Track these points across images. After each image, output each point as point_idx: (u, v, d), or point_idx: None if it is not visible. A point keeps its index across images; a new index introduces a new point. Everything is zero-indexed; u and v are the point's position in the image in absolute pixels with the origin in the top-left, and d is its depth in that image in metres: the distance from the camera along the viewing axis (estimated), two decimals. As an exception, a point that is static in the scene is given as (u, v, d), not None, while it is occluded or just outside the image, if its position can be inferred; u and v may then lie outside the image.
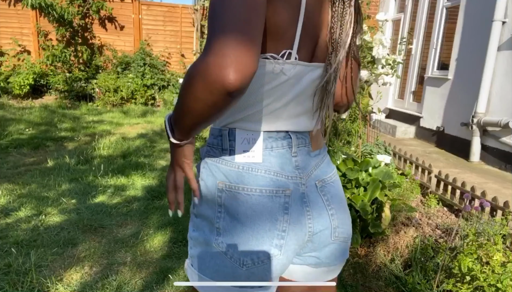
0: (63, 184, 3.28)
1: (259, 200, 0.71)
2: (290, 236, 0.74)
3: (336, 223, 0.79)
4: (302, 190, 0.75)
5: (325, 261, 0.81)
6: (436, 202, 3.00)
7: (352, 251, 2.43)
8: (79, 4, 7.52)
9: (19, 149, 4.32)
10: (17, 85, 7.04)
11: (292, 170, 0.74)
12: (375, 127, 4.89)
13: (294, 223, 0.73)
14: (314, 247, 0.78)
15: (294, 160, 0.74)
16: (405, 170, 3.53)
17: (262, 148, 0.72)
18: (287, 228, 0.73)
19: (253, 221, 0.71)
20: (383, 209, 2.39)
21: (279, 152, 0.73)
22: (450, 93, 5.01)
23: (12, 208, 2.77)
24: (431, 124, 5.33)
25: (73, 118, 6.06)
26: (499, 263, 1.72)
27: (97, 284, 1.97)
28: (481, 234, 2.05)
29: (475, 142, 4.31)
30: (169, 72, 8.11)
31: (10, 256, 2.14)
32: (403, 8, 6.43)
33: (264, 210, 0.71)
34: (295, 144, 0.74)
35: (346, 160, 2.53)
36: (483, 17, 4.38)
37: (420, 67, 5.97)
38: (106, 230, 2.56)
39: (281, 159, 0.73)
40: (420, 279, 1.94)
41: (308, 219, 0.76)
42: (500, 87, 4.16)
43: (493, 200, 2.52)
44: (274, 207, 0.71)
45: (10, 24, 7.60)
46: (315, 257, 0.80)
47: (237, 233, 0.72)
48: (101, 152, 4.29)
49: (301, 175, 0.75)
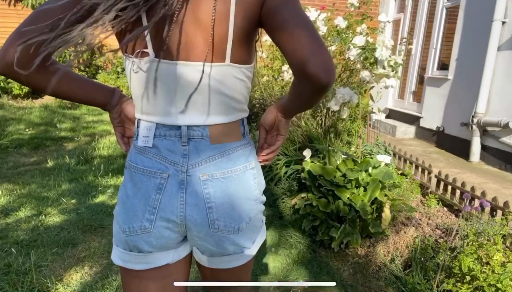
0: (63, 184, 3.29)
1: (141, 177, 0.83)
2: (160, 214, 0.82)
3: (214, 216, 0.83)
4: (182, 177, 0.82)
5: (211, 249, 0.87)
6: (436, 202, 3.00)
7: (352, 251, 2.43)
8: (79, 4, 7.52)
9: (19, 149, 4.32)
10: (17, 85, 7.04)
11: (179, 157, 0.81)
12: (375, 127, 4.89)
13: (165, 203, 0.82)
14: (197, 234, 0.85)
15: (183, 149, 0.82)
16: (405, 170, 3.53)
17: (154, 135, 0.82)
18: (157, 206, 0.82)
19: (133, 195, 0.83)
20: (383, 209, 2.39)
21: (170, 140, 0.82)
22: (450, 93, 5.01)
23: (12, 208, 2.77)
24: (431, 124, 5.33)
25: (73, 119, 6.06)
26: (499, 263, 1.72)
27: (97, 284, 1.97)
28: (481, 234, 2.05)
29: (475, 143, 4.31)
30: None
31: (10, 256, 2.14)
32: (403, 8, 6.43)
33: (142, 187, 0.82)
34: (185, 135, 0.81)
35: (346, 160, 2.53)
36: (483, 17, 4.38)
37: (420, 67, 5.97)
38: (106, 230, 2.56)
39: (170, 146, 0.82)
40: (420, 279, 1.94)
41: (180, 204, 0.82)
42: (500, 87, 4.16)
43: (493, 200, 2.52)
44: (150, 185, 0.82)
45: (10, 24, 7.60)
46: (202, 245, 0.87)
47: (123, 204, 0.85)
48: (101, 152, 4.29)
49: (184, 163, 0.81)
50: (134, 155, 0.85)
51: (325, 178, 2.41)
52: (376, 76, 2.89)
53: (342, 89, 2.70)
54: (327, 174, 2.42)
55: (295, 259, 2.34)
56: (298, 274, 2.20)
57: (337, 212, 2.35)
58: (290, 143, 3.41)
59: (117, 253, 0.89)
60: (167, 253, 0.88)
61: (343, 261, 2.34)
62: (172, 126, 0.82)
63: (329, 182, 2.39)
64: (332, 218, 2.42)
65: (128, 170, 0.86)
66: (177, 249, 0.90)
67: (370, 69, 2.89)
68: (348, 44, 2.99)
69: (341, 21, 3.16)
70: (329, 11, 3.48)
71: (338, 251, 2.38)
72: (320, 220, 2.43)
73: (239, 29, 0.77)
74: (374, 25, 3.45)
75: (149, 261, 0.87)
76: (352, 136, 3.68)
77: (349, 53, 2.88)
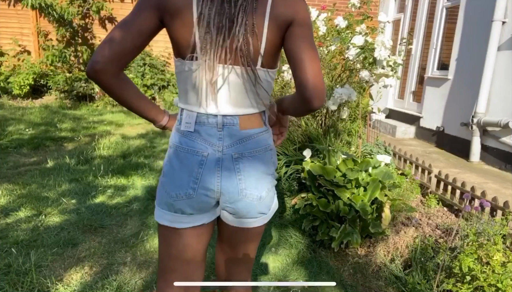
0: (63, 184, 3.29)
1: (186, 155, 1.05)
2: (201, 184, 1.05)
3: (243, 186, 1.07)
4: (218, 155, 1.04)
5: (239, 212, 1.10)
6: (436, 202, 3.00)
7: (352, 251, 2.43)
8: (79, 4, 7.52)
9: (19, 149, 4.32)
10: (17, 85, 7.04)
11: (215, 140, 1.04)
12: (375, 127, 4.89)
13: (205, 175, 1.04)
14: (229, 200, 1.08)
15: (219, 134, 1.04)
16: (405, 170, 3.53)
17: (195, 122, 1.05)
18: (199, 178, 1.04)
19: (179, 169, 1.05)
20: (383, 209, 2.39)
21: (209, 127, 1.04)
22: (450, 93, 5.01)
23: (12, 208, 2.77)
24: (431, 124, 5.33)
25: (73, 119, 6.06)
26: (499, 263, 1.72)
27: (97, 284, 1.97)
28: (481, 234, 2.05)
29: (475, 142, 4.31)
30: (169, 72, 8.10)
31: (10, 256, 2.14)
32: (403, 8, 6.43)
33: (187, 162, 1.04)
34: (220, 123, 1.04)
35: (346, 160, 2.53)
36: (483, 17, 4.38)
37: (420, 67, 5.97)
38: (106, 230, 2.56)
39: (209, 131, 1.04)
40: (420, 279, 1.94)
41: (217, 176, 1.05)
42: (500, 87, 4.16)
43: (493, 200, 2.52)
44: (193, 161, 1.04)
45: (10, 24, 7.60)
46: (231, 207, 1.10)
47: (171, 176, 1.07)
48: (101, 152, 4.29)
49: (220, 145, 1.04)
50: (179, 137, 1.07)
51: (325, 178, 2.41)
52: (376, 76, 2.89)
53: (340, 89, 2.70)
54: (327, 173, 2.42)
55: (295, 259, 2.34)
56: (298, 274, 2.20)
57: (337, 212, 2.35)
58: (290, 143, 3.41)
59: (162, 215, 1.10)
60: (204, 215, 1.11)
61: (343, 261, 2.34)
62: (211, 115, 1.04)
63: (329, 182, 2.39)
64: (332, 218, 2.42)
65: (173, 149, 1.08)
66: (211, 212, 1.12)
67: (369, 69, 2.89)
68: (347, 44, 2.99)
69: (341, 20, 3.16)
70: (330, 11, 3.48)
71: (338, 251, 2.38)
72: (320, 220, 2.43)
73: (270, 42, 0.99)
74: (374, 25, 3.45)
75: (190, 221, 1.09)
76: (352, 136, 3.68)
77: (348, 53, 2.88)
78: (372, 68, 2.86)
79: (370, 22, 3.41)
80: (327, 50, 3.37)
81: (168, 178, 1.07)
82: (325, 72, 3.44)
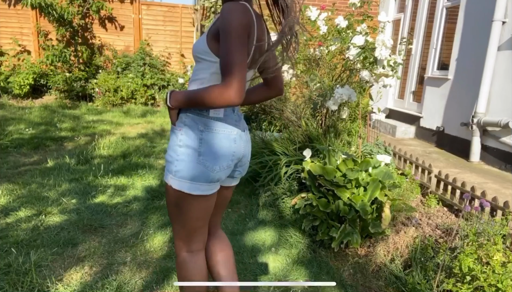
0: (63, 184, 3.29)
1: (224, 136, 1.31)
2: (236, 155, 1.35)
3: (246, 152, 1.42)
4: (241, 133, 1.36)
5: (243, 172, 1.48)
6: (436, 202, 3.00)
7: (352, 251, 2.43)
8: (79, 4, 7.52)
9: (19, 149, 4.32)
10: (17, 85, 7.04)
11: (237, 122, 1.35)
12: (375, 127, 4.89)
13: (237, 148, 1.34)
14: (245, 163, 1.44)
15: (238, 117, 1.37)
16: (405, 170, 3.53)
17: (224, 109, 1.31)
18: (235, 151, 1.33)
19: (220, 146, 1.30)
20: (383, 209, 2.39)
21: (233, 113, 1.34)
22: (450, 93, 5.01)
23: (12, 208, 2.77)
24: (431, 124, 5.33)
25: (73, 118, 6.06)
26: (499, 263, 1.72)
27: (97, 284, 1.97)
28: (481, 234, 2.05)
29: (475, 142, 4.30)
30: (169, 72, 8.10)
31: (10, 256, 2.14)
32: (403, 8, 6.43)
33: (226, 141, 1.31)
34: (237, 111, 1.37)
35: (346, 160, 2.53)
36: (483, 17, 4.38)
37: (420, 67, 5.96)
38: (106, 230, 2.56)
39: (232, 116, 1.34)
40: (420, 279, 1.94)
41: (244, 147, 1.38)
42: (500, 87, 4.16)
43: (493, 200, 2.52)
44: (230, 139, 1.32)
45: (10, 24, 7.60)
46: (239, 171, 1.45)
47: (212, 153, 1.29)
48: (101, 152, 4.29)
49: (240, 125, 1.37)
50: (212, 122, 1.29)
51: (325, 178, 2.41)
52: (376, 76, 2.89)
53: (340, 89, 2.70)
54: (327, 173, 2.42)
55: (295, 259, 2.34)
56: (298, 274, 2.20)
57: (337, 212, 2.35)
58: (290, 143, 3.41)
59: (197, 187, 1.30)
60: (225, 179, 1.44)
61: (343, 261, 2.34)
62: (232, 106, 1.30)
63: (329, 181, 2.39)
64: (332, 218, 2.42)
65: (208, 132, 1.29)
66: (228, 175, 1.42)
67: (370, 69, 2.89)
68: (348, 44, 2.99)
69: (342, 20, 3.16)
70: (330, 11, 3.48)
71: (338, 251, 2.38)
72: (320, 220, 2.43)
73: None
74: (374, 25, 3.45)
75: (217, 186, 1.36)
76: (352, 136, 3.68)
77: (348, 53, 2.88)
78: (373, 68, 2.86)
79: (370, 22, 3.41)
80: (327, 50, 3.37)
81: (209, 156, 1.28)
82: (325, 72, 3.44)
